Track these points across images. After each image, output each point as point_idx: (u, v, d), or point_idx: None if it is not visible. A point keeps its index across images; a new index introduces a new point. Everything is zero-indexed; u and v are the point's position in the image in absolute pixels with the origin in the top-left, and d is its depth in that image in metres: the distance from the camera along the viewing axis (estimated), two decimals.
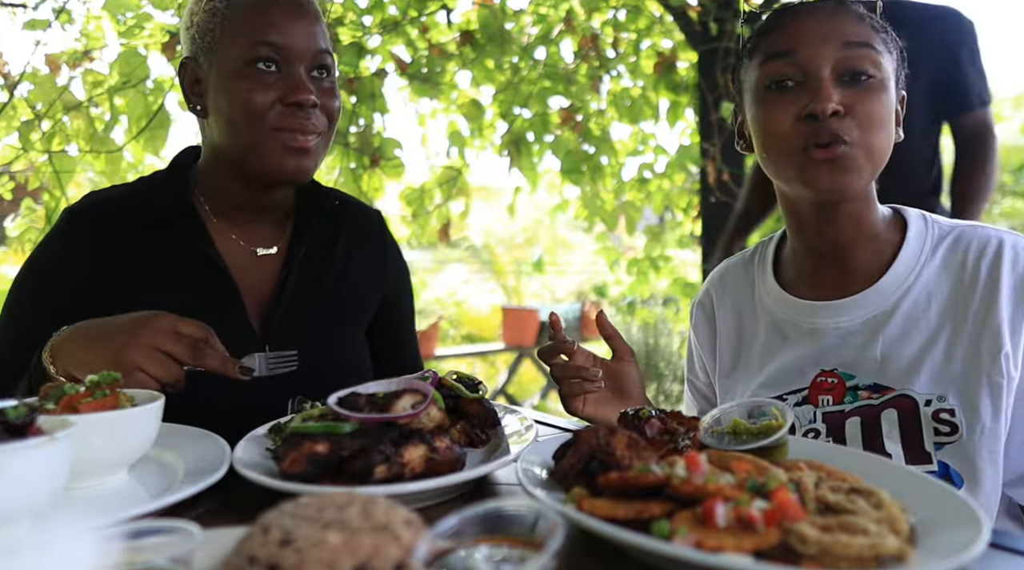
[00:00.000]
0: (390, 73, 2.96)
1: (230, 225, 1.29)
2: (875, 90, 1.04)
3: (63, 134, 2.61)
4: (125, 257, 1.23)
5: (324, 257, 1.35)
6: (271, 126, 1.16)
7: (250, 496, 0.86)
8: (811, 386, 1.11)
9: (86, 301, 1.17)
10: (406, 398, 0.88)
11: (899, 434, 1.03)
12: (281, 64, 1.16)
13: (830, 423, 1.08)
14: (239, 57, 1.15)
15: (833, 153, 1.02)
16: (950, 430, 1.00)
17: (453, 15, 3.02)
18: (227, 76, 1.16)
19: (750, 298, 1.24)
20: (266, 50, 1.15)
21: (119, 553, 0.55)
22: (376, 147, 2.86)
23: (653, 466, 0.72)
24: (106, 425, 0.86)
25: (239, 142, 1.18)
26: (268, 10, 1.16)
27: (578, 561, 0.70)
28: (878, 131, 1.04)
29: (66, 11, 2.58)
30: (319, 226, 1.34)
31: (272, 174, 1.20)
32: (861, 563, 0.60)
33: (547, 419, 1.30)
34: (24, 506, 0.74)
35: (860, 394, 1.07)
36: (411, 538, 0.54)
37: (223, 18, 1.17)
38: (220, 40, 1.17)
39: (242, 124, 1.16)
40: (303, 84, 1.16)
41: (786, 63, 1.06)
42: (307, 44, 1.17)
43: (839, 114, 1.02)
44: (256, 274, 1.28)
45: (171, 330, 1.01)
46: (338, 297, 1.35)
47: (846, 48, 1.04)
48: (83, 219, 1.25)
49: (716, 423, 0.91)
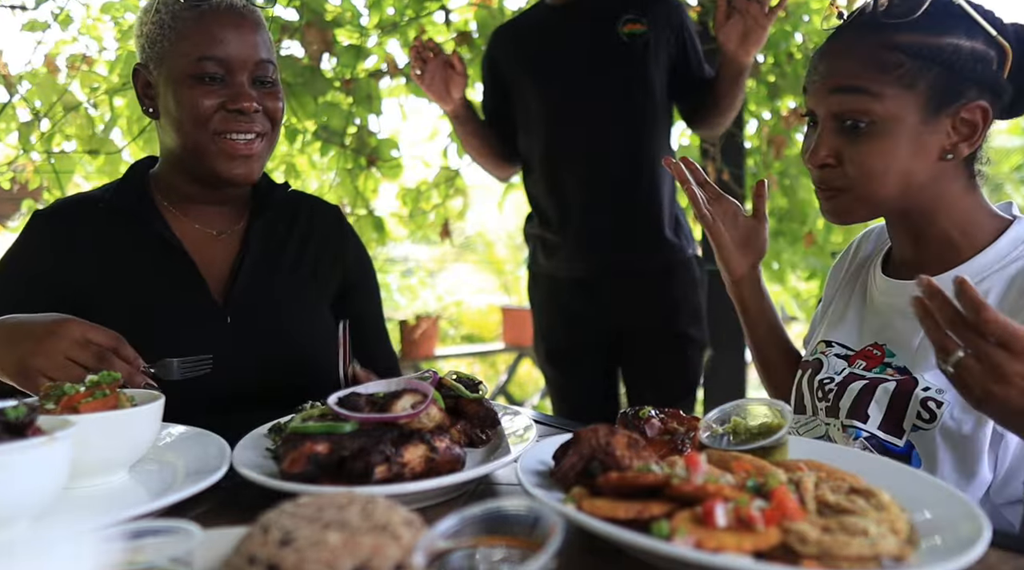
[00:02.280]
0: (387, 74, 2.96)
1: (187, 215, 1.35)
2: (871, 138, 1.04)
3: (63, 134, 2.61)
4: (89, 249, 1.29)
5: (282, 233, 1.41)
6: (215, 130, 1.24)
7: (250, 496, 0.86)
8: (859, 351, 1.15)
9: (60, 295, 1.24)
10: (406, 398, 0.88)
11: (886, 404, 1.05)
12: (225, 75, 1.24)
13: (845, 381, 1.12)
14: (184, 69, 1.23)
15: (825, 195, 1.12)
16: (929, 417, 1.02)
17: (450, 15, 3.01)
18: (175, 84, 1.24)
19: (870, 259, 1.27)
20: (211, 65, 1.22)
21: (119, 553, 0.55)
22: (373, 148, 2.85)
23: (653, 466, 0.72)
24: (106, 425, 0.86)
25: (187, 145, 1.26)
26: (211, 24, 1.23)
27: (578, 561, 0.70)
28: (870, 179, 1.05)
29: (65, 12, 2.58)
30: (276, 206, 1.40)
31: (218, 177, 1.27)
32: (861, 563, 0.60)
33: (547, 419, 1.30)
34: (24, 506, 0.74)
35: (888, 371, 1.09)
36: (411, 538, 0.54)
37: (170, 30, 1.25)
38: (168, 51, 1.25)
39: (189, 128, 1.24)
40: (245, 92, 1.24)
41: (806, 103, 1.12)
42: (248, 55, 1.25)
43: (831, 165, 1.08)
44: (215, 253, 1.34)
45: (79, 338, 1.04)
46: (298, 268, 1.40)
47: (833, 94, 1.06)
48: (48, 218, 1.32)
49: (716, 423, 0.91)
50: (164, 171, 1.36)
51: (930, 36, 1.02)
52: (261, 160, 1.30)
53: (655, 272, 2.10)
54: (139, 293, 1.25)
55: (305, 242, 1.42)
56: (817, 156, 1.08)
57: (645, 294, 2.10)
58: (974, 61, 1.02)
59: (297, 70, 2.66)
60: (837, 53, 1.08)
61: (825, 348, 1.20)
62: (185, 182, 1.32)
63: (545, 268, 2.20)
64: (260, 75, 1.27)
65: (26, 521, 0.76)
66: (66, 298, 1.23)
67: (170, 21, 1.24)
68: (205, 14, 1.24)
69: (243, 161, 1.26)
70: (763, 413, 0.89)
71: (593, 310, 2.13)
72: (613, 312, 2.12)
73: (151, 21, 1.26)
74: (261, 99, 1.26)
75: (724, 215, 1.31)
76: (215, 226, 1.36)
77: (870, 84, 1.03)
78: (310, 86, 2.67)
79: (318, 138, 2.81)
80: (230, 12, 1.25)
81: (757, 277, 1.35)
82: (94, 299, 1.24)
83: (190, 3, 1.24)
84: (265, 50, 1.28)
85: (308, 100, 2.69)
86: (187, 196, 1.34)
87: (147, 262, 1.29)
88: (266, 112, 1.28)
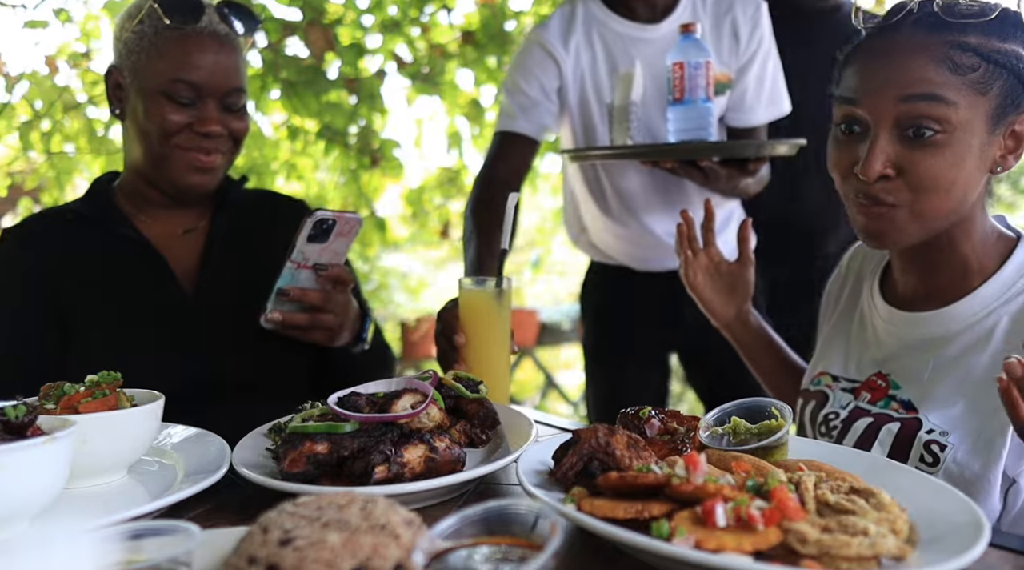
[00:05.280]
0: (390, 73, 2.96)
1: (153, 217, 1.38)
2: (938, 147, 0.95)
3: (63, 134, 2.61)
4: (60, 256, 1.31)
5: (246, 227, 1.44)
6: (178, 145, 1.28)
7: (250, 496, 0.86)
8: (864, 382, 1.12)
9: (42, 303, 1.27)
10: (406, 398, 0.88)
11: (890, 445, 1.03)
12: (195, 99, 1.27)
13: (851, 416, 1.10)
14: (158, 85, 1.26)
15: (873, 212, 1.01)
16: (932, 460, 0.99)
17: (454, 15, 3.01)
18: (145, 96, 1.27)
19: (865, 281, 1.23)
20: (183, 88, 1.26)
21: (119, 553, 0.55)
22: (376, 148, 2.85)
23: (653, 466, 0.72)
24: (106, 425, 0.86)
25: (150, 154, 1.30)
26: (191, 48, 1.26)
27: (578, 561, 0.70)
28: (933, 193, 0.97)
29: (64, 11, 2.58)
30: (239, 201, 1.44)
31: (177, 186, 1.32)
32: (861, 563, 0.60)
33: (547, 419, 1.30)
34: (24, 506, 0.74)
35: (892, 404, 1.06)
36: (411, 538, 0.54)
37: (150, 44, 1.27)
38: (144, 64, 1.28)
39: (154, 139, 1.28)
40: (213, 117, 1.28)
41: (852, 109, 1.01)
42: (220, 82, 1.28)
43: (888, 177, 0.98)
44: (183, 247, 1.38)
45: None
46: (267, 255, 1.38)
47: (904, 102, 0.95)
48: (19, 233, 1.36)
49: (716, 423, 0.91)
50: (128, 177, 1.39)
51: (998, 40, 0.96)
52: (220, 172, 1.35)
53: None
54: (114, 292, 1.29)
55: (268, 233, 1.43)
56: (872, 168, 0.96)
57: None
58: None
59: (299, 69, 2.66)
60: (900, 53, 0.97)
61: (831, 382, 1.17)
62: (147, 186, 1.36)
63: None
64: (230, 102, 1.31)
65: (26, 521, 0.76)
66: (44, 300, 1.27)
67: (152, 35, 1.27)
68: (187, 37, 1.26)
69: (200, 172, 1.31)
70: (763, 413, 0.89)
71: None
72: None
73: (133, 30, 1.29)
74: (227, 122, 1.31)
75: (708, 265, 1.33)
76: (181, 225, 1.39)
77: (945, 90, 0.94)
78: (312, 85, 2.67)
79: (321, 138, 2.81)
80: (213, 37, 1.28)
81: (745, 318, 1.34)
82: (75, 302, 1.28)
83: (175, 23, 1.26)
84: (237, 78, 1.32)
85: (311, 99, 2.69)
86: (150, 199, 1.37)
87: (119, 263, 1.32)
88: (231, 133, 1.32)
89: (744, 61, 1.73)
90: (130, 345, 1.25)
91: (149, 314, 1.29)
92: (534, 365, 6.43)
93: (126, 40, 1.30)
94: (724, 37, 1.72)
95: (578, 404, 6.04)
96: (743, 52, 1.73)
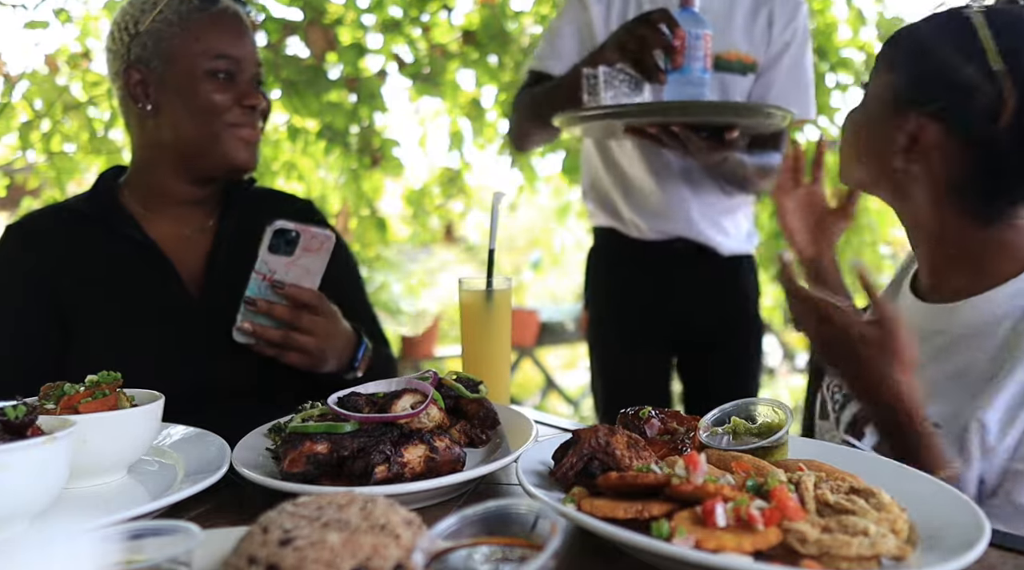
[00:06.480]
0: (390, 73, 2.96)
1: (160, 216, 1.38)
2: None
3: (63, 134, 2.61)
4: (62, 255, 1.31)
5: (253, 228, 1.40)
6: (229, 122, 1.32)
7: (250, 496, 0.86)
8: None
9: (43, 302, 1.27)
10: (406, 398, 0.88)
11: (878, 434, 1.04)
12: (234, 73, 1.32)
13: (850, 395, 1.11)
14: (201, 65, 1.30)
15: None
16: None
17: (454, 15, 3.02)
18: (188, 79, 1.30)
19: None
20: (224, 63, 1.31)
21: (119, 553, 0.55)
22: (377, 148, 2.86)
23: (653, 466, 0.72)
24: (106, 425, 0.86)
25: (200, 135, 1.32)
26: (223, 25, 1.32)
27: (578, 561, 0.70)
28: None
29: (64, 11, 2.58)
30: (246, 202, 1.44)
31: (228, 163, 1.34)
32: (861, 563, 0.60)
33: (547, 419, 1.30)
34: (24, 506, 0.74)
35: None
36: (411, 538, 0.54)
37: (180, 28, 1.30)
38: (178, 48, 1.30)
39: (205, 119, 1.31)
40: (254, 91, 1.35)
41: None
42: (252, 57, 1.35)
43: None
44: (189, 249, 1.38)
45: None
46: None
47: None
48: (21, 230, 1.36)
49: (716, 423, 0.91)
50: (140, 172, 1.38)
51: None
52: (259, 148, 1.39)
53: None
54: (116, 292, 1.29)
55: None
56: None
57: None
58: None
59: (300, 69, 2.66)
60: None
61: None
62: (168, 177, 1.36)
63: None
64: (258, 76, 1.37)
65: (26, 521, 0.76)
66: (47, 298, 1.27)
67: (178, 21, 1.30)
68: (217, 16, 1.32)
69: (249, 147, 1.35)
70: (763, 413, 0.89)
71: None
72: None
73: (153, 19, 1.30)
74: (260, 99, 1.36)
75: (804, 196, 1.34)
76: (188, 225, 1.39)
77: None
78: (313, 84, 2.67)
79: (322, 137, 2.81)
80: (235, 15, 1.35)
81: (830, 263, 1.32)
82: (76, 301, 1.27)
83: (202, 4, 1.32)
84: (258, 54, 1.38)
85: (311, 99, 2.69)
86: (163, 195, 1.37)
87: (122, 263, 1.32)
88: (261, 110, 1.37)
89: (776, 51, 1.80)
90: (131, 345, 1.25)
91: (152, 315, 1.29)
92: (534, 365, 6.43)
93: (148, 31, 1.31)
94: (759, 21, 1.79)
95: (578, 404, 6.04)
96: (775, 40, 1.79)
